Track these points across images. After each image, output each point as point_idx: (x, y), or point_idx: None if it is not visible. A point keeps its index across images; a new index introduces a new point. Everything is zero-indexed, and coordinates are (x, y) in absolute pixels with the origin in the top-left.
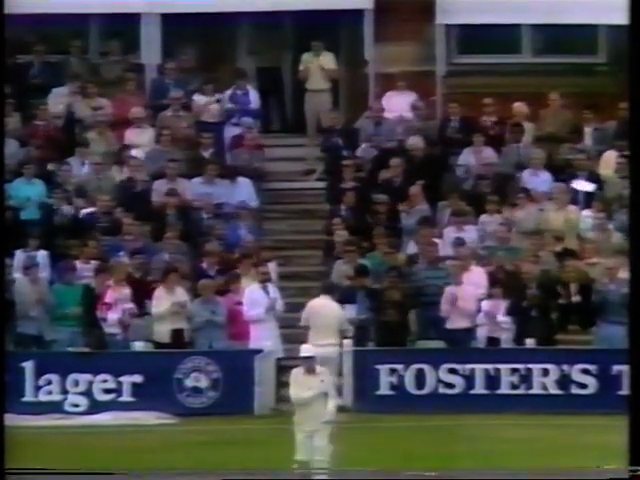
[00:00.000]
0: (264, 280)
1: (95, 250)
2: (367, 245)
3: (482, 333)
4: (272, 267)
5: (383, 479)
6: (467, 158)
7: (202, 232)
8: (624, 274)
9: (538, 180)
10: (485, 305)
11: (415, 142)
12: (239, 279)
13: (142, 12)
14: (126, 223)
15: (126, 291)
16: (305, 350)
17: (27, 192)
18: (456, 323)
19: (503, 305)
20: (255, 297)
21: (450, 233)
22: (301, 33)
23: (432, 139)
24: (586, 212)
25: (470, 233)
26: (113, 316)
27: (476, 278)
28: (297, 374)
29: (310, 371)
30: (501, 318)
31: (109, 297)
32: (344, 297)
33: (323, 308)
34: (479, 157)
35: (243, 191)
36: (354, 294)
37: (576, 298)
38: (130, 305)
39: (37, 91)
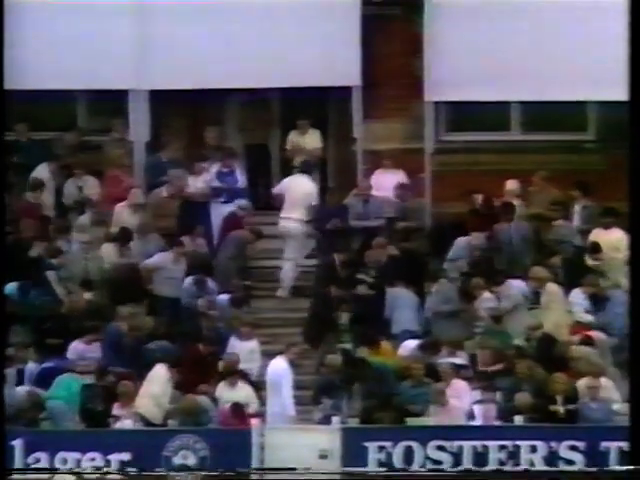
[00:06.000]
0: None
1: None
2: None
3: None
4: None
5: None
6: (457, 244)
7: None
8: (609, 393)
9: None
10: (477, 409)
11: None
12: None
13: (130, 89)
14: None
15: None
16: None
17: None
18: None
19: (494, 409)
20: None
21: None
22: (289, 109)
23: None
24: (576, 291)
25: None
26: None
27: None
28: None
29: None
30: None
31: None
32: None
33: (297, 183)
34: (469, 242)
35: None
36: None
37: (563, 409)
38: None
39: (22, 170)
